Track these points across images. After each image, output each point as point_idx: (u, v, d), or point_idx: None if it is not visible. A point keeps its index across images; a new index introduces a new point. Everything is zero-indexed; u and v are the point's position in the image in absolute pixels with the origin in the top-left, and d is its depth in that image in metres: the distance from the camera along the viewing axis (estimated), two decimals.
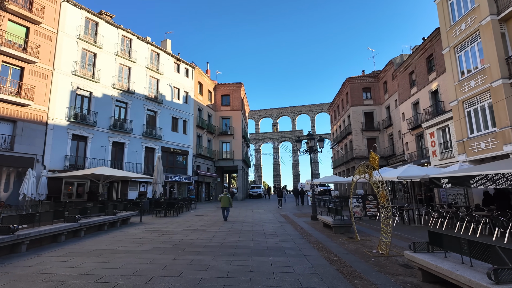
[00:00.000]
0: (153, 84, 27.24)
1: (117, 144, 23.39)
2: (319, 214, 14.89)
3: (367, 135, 33.81)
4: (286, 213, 19.38)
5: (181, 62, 30.32)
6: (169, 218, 15.49)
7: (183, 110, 29.74)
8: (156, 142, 26.32)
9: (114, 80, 23.52)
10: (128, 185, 23.50)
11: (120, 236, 9.71)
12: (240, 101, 36.84)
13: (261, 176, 73.76)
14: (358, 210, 15.91)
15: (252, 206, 25.28)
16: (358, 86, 34.84)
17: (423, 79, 25.18)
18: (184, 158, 29.25)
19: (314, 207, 16.00)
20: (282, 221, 15.00)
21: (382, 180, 8.27)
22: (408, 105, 27.66)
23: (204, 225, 12.73)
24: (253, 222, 14.03)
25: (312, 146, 16.65)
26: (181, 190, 28.68)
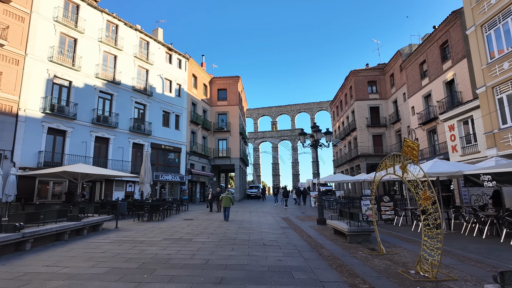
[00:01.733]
0: (142, 75, 25.04)
1: (101, 139, 21.18)
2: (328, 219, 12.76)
3: (372, 131, 31.70)
4: (287, 216, 17.25)
5: (174, 52, 28.14)
6: (152, 223, 13.31)
7: (175, 104, 27.55)
8: (145, 138, 24.13)
9: (97, 69, 21.31)
10: (113, 184, 21.29)
11: (78, 250, 7.53)
12: (237, 95, 34.69)
13: (260, 176, 71.66)
14: (371, 212, 13.78)
15: (250, 208, 23.14)
16: (363, 79, 32.74)
17: (436, 69, 23.11)
18: (177, 155, 27.06)
19: (321, 210, 13.87)
20: (284, 226, 12.86)
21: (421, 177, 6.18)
22: (419, 98, 25.58)
23: (191, 232, 10.57)
24: (250, 228, 11.88)
25: (318, 139, 14.53)
26: (173, 190, 26.48)
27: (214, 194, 19.88)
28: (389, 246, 8.54)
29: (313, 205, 24.44)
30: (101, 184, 20.68)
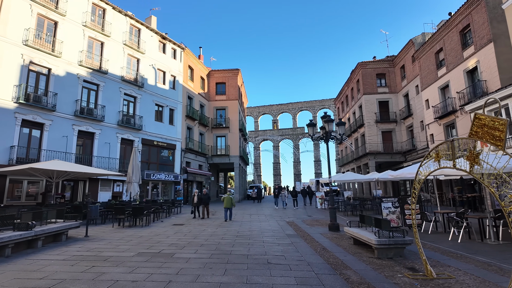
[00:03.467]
0: (133, 65, 22.96)
1: (85, 134, 19.10)
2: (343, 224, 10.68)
3: (382, 127, 29.57)
4: (293, 220, 15.14)
5: (168, 41, 26.05)
6: (134, 230, 11.22)
7: (169, 97, 25.45)
8: (135, 133, 22.03)
9: (81, 55, 19.23)
10: (98, 184, 19.20)
11: (7, 274, 5.42)
12: (237, 89, 32.58)
13: (260, 176, 69.60)
14: (394, 217, 11.68)
15: (250, 210, 21.04)
16: (371, 72, 30.61)
17: (455, 57, 20.98)
18: (171, 153, 24.96)
19: (333, 214, 11.77)
20: (291, 233, 10.76)
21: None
22: (434, 89, 23.46)
23: (177, 243, 8.47)
24: (250, 237, 9.77)
25: (330, 131, 12.42)
26: (166, 191, 24.39)
27: (200, 196, 15.81)
28: (434, 264, 6.43)
29: (319, 207, 22.34)
30: (84, 184, 18.59)
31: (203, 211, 15.52)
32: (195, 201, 15.72)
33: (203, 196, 15.58)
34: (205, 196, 15.62)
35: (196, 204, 15.74)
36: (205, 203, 15.51)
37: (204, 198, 15.53)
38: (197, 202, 15.67)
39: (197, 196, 15.88)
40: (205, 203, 15.51)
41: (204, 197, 15.55)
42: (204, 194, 15.69)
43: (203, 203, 15.45)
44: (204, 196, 15.63)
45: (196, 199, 15.71)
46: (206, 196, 15.62)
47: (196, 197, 15.82)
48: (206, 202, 15.51)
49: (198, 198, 15.72)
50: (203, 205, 15.49)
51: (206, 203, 15.51)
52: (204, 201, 15.48)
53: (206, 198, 15.56)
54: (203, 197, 15.53)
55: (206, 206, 15.57)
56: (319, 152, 66.70)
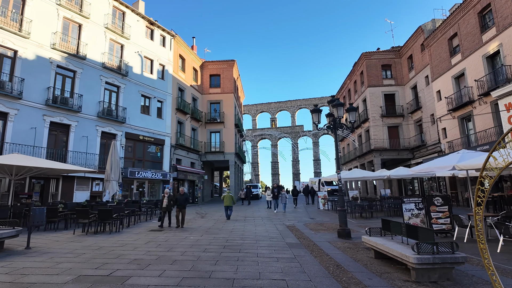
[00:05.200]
0: (116, 51, 20.78)
1: (58, 126, 16.92)
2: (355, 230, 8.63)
3: (387, 122, 27.55)
4: (294, 223, 13.07)
5: (156, 27, 23.88)
6: (98, 238, 9.08)
7: (157, 87, 23.29)
8: (117, 126, 19.86)
9: (54, 38, 17.06)
10: (74, 183, 17.03)
11: None
12: (232, 82, 30.46)
13: (258, 175, 67.55)
14: (418, 221, 9.61)
15: (246, 211, 18.94)
16: (376, 63, 28.59)
17: (472, 42, 18.98)
18: (159, 149, 22.80)
19: (343, 217, 9.69)
20: (293, 242, 8.66)
21: None
22: (447, 79, 21.46)
23: (141, 259, 6.34)
24: (241, 248, 7.66)
25: (339, 117, 10.35)
26: (153, 190, 22.23)
27: (174, 197, 11.90)
28: None
29: (322, 208, 20.29)
30: (57, 182, 16.42)
31: (177, 217, 11.54)
32: (165, 204, 11.51)
33: (179, 196, 11.64)
34: (181, 197, 11.59)
35: (166, 209, 11.58)
36: (181, 206, 11.51)
37: (180, 200, 11.51)
38: (167, 206, 11.60)
39: (167, 197, 11.63)
40: (181, 207, 11.49)
41: (180, 198, 11.54)
42: (180, 194, 11.68)
43: (179, 206, 11.51)
44: (181, 197, 11.61)
45: (167, 201, 11.55)
46: (183, 197, 11.58)
47: (167, 198, 11.60)
48: (182, 206, 11.50)
49: (169, 200, 11.63)
50: (178, 209, 11.56)
51: (182, 206, 11.50)
52: (180, 204, 11.48)
53: (183, 199, 11.54)
54: (179, 198, 11.58)
55: (182, 211, 11.55)
56: (318, 151, 64.75)
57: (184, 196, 11.78)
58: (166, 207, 11.61)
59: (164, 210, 11.66)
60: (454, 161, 8.56)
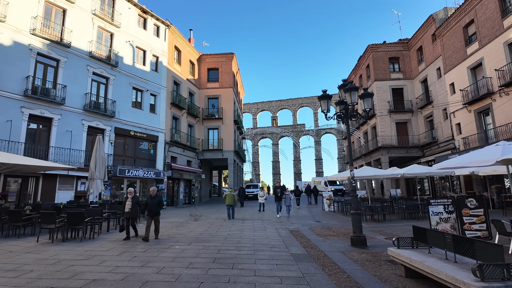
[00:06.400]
0: (105, 40, 19.28)
1: (39, 119, 15.43)
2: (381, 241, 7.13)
3: (395, 117, 25.98)
4: (298, 227, 11.55)
5: (149, 16, 22.38)
6: (64, 246, 7.58)
7: (150, 80, 21.78)
8: (106, 120, 18.36)
9: (35, 23, 15.57)
10: (56, 181, 15.53)
11: None
12: (231, 76, 28.94)
13: (259, 175, 66.06)
14: (447, 226, 8.07)
15: (245, 213, 17.40)
16: (383, 55, 27.02)
17: (491, 29, 17.41)
18: (152, 145, 21.28)
19: (358, 221, 8.17)
20: (299, 252, 7.14)
21: None
22: (462, 70, 19.89)
23: (103, 280, 4.83)
24: (235, 262, 6.13)
25: (352, 104, 8.83)
26: (146, 190, 20.70)
27: (139, 200, 9.00)
28: None
29: (327, 209, 18.76)
30: (37, 181, 14.92)
31: (148, 228, 8.28)
32: (128, 209, 8.52)
33: (150, 200, 8.51)
34: (153, 201, 8.47)
35: (130, 215, 8.54)
36: (152, 213, 8.46)
37: (151, 205, 8.44)
38: (131, 211, 8.52)
39: (132, 198, 8.66)
40: (152, 214, 8.44)
41: (151, 202, 8.46)
42: (151, 197, 8.58)
43: (149, 213, 8.48)
44: (152, 200, 8.49)
45: (130, 205, 8.52)
46: (154, 201, 8.47)
47: (130, 200, 8.60)
48: (154, 212, 8.44)
49: (133, 202, 8.60)
50: (149, 216, 8.50)
51: (154, 213, 8.44)
52: (151, 210, 8.44)
53: (154, 204, 8.43)
54: (150, 202, 8.48)
55: (154, 218, 8.52)
56: (320, 150, 63.26)
57: (156, 199, 8.57)
58: (130, 213, 8.54)
59: (127, 217, 8.56)
60: (496, 155, 7.03)
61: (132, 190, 9.07)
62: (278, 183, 14.75)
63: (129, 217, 8.62)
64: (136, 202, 8.73)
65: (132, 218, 8.71)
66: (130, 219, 8.66)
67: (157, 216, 8.65)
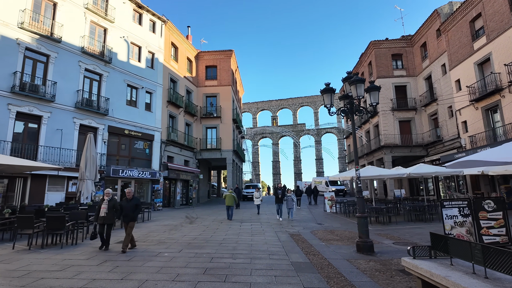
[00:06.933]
0: (98, 35, 18.59)
1: (27, 117, 14.74)
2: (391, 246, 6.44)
3: (399, 115, 25.27)
4: (299, 230, 10.85)
5: (145, 11, 21.69)
6: (41, 254, 6.90)
7: (146, 77, 21.08)
8: (99, 118, 17.67)
9: (23, 16, 14.89)
10: (45, 182, 14.84)
11: None
12: (230, 74, 28.24)
13: (259, 175, 65.38)
14: (463, 231, 7.36)
15: (243, 214, 16.70)
16: (386, 52, 26.31)
17: (500, 22, 16.70)
18: (147, 145, 20.59)
19: (364, 225, 7.49)
20: (300, 260, 6.43)
21: None
22: (469, 66, 19.18)
23: None
24: (229, 272, 5.44)
25: (358, 97, 8.13)
26: (141, 191, 20.01)
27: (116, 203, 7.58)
28: None
29: (328, 210, 18.07)
30: (24, 182, 14.23)
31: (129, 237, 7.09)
32: (104, 213, 7.26)
33: (125, 203, 7.36)
34: (128, 205, 7.30)
35: (105, 221, 7.27)
36: (127, 218, 7.23)
37: (126, 209, 7.25)
38: (108, 216, 7.29)
39: (109, 201, 7.40)
40: (127, 219, 7.23)
41: (126, 206, 7.28)
42: (127, 200, 7.41)
43: (124, 219, 7.28)
44: (127, 204, 7.33)
45: (106, 209, 7.28)
46: (130, 205, 7.29)
47: (106, 203, 7.34)
48: (129, 217, 7.22)
49: (110, 207, 7.33)
50: (124, 222, 7.37)
51: (129, 218, 7.22)
52: (126, 215, 7.24)
53: (130, 208, 7.25)
54: (125, 205, 7.31)
55: (129, 224, 7.21)
56: (321, 150, 62.57)
57: (132, 202, 7.35)
58: (104, 218, 7.25)
59: (101, 223, 7.25)
60: None
61: (110, 191, 7.78)
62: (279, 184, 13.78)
63: (103, 222, 7.28)
64: (113, 206, 7.42)
65: (108, 224, 7.34)
66: (106, 225, 7.33)
67: (133, 223, 7.30)
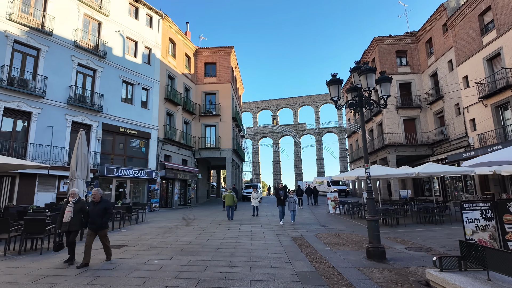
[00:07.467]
0: (92, 29, 17.88)
1: (16, 113, 14.04)
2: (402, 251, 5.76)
3: (403, 114, 24.56)
4: (301, 233, 10.14)
5: (141, 5, 20.97)
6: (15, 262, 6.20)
7: (142, 73, 20.37)
8: (93, 115, 16.96)
9: (12, 7, 14.19)
10: (35, 181, 14.13)
11: None
12: (229, 71, 27.53)
13: (259, 175, 64.69)
14: (485, 236, 6.64)
15: (243, 215, 16.00)
16: (390, 48, 25.58)
17: (511, 15, 15.99)
18: (143, 143, 19.87)
19: (375, 229, 6.78)
20: (305, 269, 5.71)
21: None
22: (478, 61, 18.46)
23: None
24: (225, 282, 4.72)
25: (369, 88, 7.41)
26: (137, 191, 19.31)
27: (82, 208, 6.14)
28: None
29: (332, 212, 17.38)
30: (12, 181, 13.52)
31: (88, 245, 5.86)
32: (68, 218, 5.90)
33: (92, 207, 6.09)
34: (96, 208, 6.03)
35: (69, 227, 5.91)
36: (94, 226, 5.99)
37: (93, 214, 6.00)
38: (74, 221, 5.93)
39: (75, 204, 6.04)
40: (94, 227, 5.99)
41: (93, 210, 6.03)
42: (93, 203, 6.11)
43: (91, 226, 6.02)
44: (94, 208, 6.05)
45: (72, 214, 5.92)
46: (98, 208, 6.02)
47: (72, 206, 5.99)
48: (97, 225, 5.98)
49: (76, 211, 5.98)
50: (91, 231, 5.99)
51: (99, 225, 5.99)
52: (93, 222, 5.99)
53: (97, 213, 5.99)
54: (92, 210, 6.06)
55: (99, 233, 6.06)
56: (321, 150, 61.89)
57: (100, 205, 6.04)
58: (69, 224, 5.88)
59: (64, 230, 5.91)
60: None
61: (76, 191, 6.22)
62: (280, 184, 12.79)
63: (67, 230, 5.87)
64: (80, 209, 6.03)
65: (73, 232, 5.93)
66: (70, 233, 5.92)
67: (103, 231, 6.04)
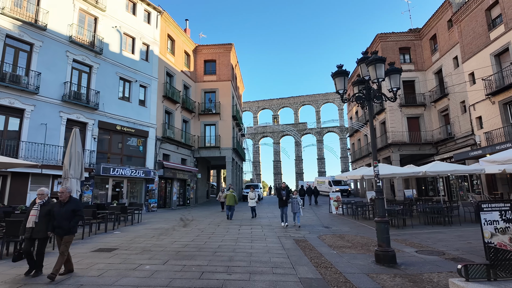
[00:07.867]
0: (87, 24, 17.40)
1: (7, 110, 13.56)
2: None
3: (407, 112, 24.04)
4: (304, 235, 9.63)
5: (139, 1, 20.48)
6: None
7: (140, 70, 19.88)
8: (88, 113, 16.48)
9: (4, 1, 13.72)
10: (28, 181, 13.66)
11: None
12: (230, 68, 27.04)
13: (260, 175, 64.20)
14: (506, 239, 6.13)
15: (243, 215, 15.50)
16: (393, 45, 25.08)
17: None
18: (141, 142, 19.39)
19: (384, 232, 6.28)
20: (310, 275, 5.21)
21: None
22: (485, 57, 17.94)
23: None
24: None
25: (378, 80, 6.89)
26: (134, 190, 18.82)
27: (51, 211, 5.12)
28: None
29: (334, 212, 16.88)
30: (4, 180, 13.04)
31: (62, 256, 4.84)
32: (31, 224, 5.02)
33: (58, 209, 5.10)
34: (62, 210, 5.05)
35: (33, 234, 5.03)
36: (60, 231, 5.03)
37: (59, 216, 5.01)
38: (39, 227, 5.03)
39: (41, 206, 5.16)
40: (60, 232, 5.03)
41: (59, 212, 5.04)
42: (59, 204, 5.15)
43: (58, 231, 5.04)
44: (60, 209, 5.07)
45: (37, 219, 5.05)
46: (65, 210, 5.04)
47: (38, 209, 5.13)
48: (65, 230, 5.00)
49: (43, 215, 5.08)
50: (57, 236, 5.14)
51: (65, 231, 5.00)
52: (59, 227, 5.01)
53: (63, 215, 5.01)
54: (57, 212, 5.05)
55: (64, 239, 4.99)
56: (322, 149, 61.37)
57: (68, 206, 5.11)
58: (33, 230, 5.05)
59: (28, 237, 5.04)
60: None
61: (45, 191, 5.31)
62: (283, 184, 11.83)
63: (31, 236, 5.03)
64: (47, 213, 5.10)
65: (40, 239, 5.09)
66: (37, 240, 5.10)
67: (68, 237, 5.01)
